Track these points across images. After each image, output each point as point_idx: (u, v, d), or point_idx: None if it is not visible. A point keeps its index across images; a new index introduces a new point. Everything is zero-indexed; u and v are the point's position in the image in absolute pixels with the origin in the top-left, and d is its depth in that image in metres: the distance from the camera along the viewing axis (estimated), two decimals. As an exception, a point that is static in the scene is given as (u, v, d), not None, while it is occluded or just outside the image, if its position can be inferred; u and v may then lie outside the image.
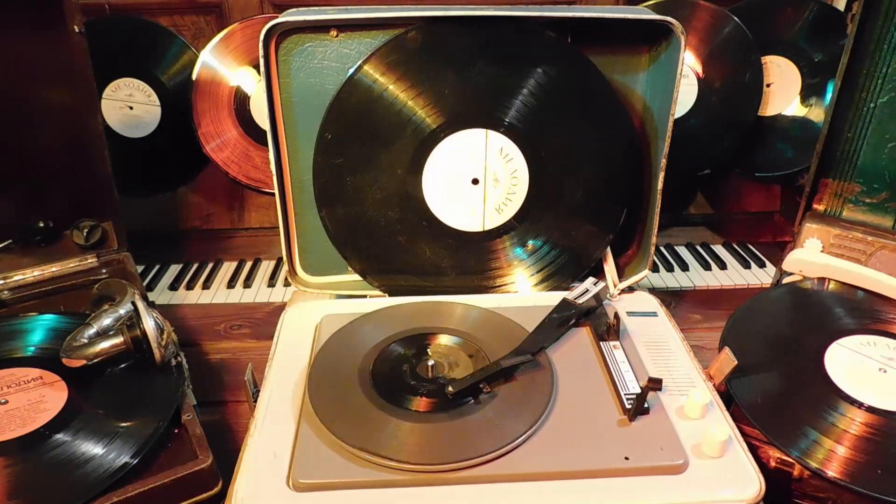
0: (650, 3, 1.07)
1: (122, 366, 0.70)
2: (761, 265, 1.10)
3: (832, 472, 0.59)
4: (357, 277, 0.88)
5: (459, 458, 0.57)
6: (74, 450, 0.61)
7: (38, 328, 0.76)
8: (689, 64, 1.07)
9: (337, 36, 0.80)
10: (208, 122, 1.06)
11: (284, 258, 0.87)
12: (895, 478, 0.58)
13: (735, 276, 1.07)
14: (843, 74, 0.83)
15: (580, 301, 0.77)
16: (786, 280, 0.87)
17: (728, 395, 0.67)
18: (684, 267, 1.09)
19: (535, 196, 0.85)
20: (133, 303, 0.72)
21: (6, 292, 0.80)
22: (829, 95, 1.08)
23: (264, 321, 0.95)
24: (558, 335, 0.73)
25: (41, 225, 0.84)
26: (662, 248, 1.14)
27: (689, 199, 1.18)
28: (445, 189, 0.84)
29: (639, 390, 0.64)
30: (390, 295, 0.85)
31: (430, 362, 0.67)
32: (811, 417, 0.64)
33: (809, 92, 1.09)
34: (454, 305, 0.78)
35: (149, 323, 0.68)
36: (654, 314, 0.80)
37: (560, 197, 0.86)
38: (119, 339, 0.69)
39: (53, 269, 0.83)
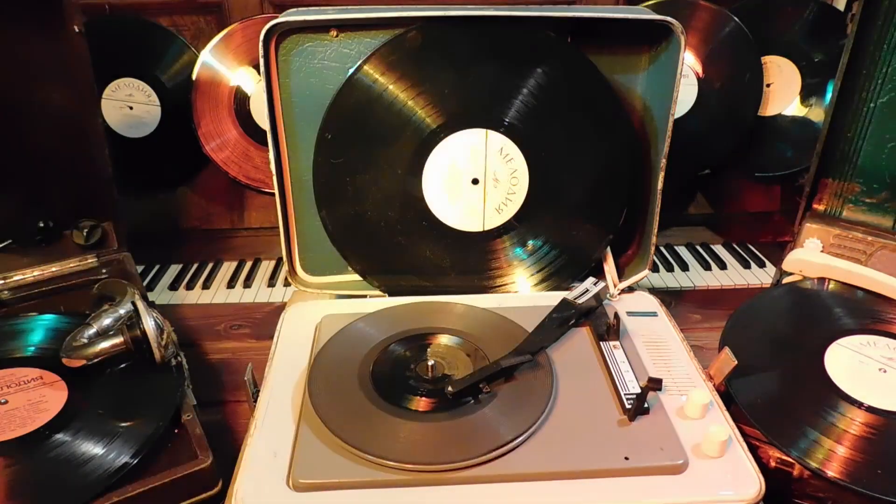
0: (650, 3, 1.07)
1: (122, 366, 0.70)
2: (761, 265, 1.10)
3: (832, 472, 0.59)
4: (357, 277, 0.88)
5: (459, 458, 0.57)
6: (74, 450, 0.61)
7: (38, 328, 0.76)
8: (689, 64, 1.07)
9: (337, 36, 0.80)
10: (208, 122, 1.06)
11: (284, 258, 0.87)
12: (895, 478, 0.58)
13: (735, 276, 1.07)
14: (843, 74, 0.83)
15: (580, 301, 0.77)
16: (786, 280, 0.87)
17: (728, 395, 0.67)
18: (684, 267, 1.09)
19: (535, 196, 0.85)
20: (133, 303, 0.72)
21: (6, 292, 0.80)
22: (829, 95, 1.08)
23: (264, 321, 0.95)
24: (558, 335, 0.73)
25: (41, 225, 0.84)
26: (662, 248, 1.14)
27: (689, 199, 1.18)
28: (445, 189, 0.84)
29: (639, 390, 0.64)
30: (390, 295, 0.85)
31: (430, 362, 0.67)
32: (811, 417, 0.64)
33: (809, 92, 1.09)
34: (454, 305, 0.78)
35: (149, 323, 0.68)
36: (654, 314, 0.80)
37: (560, 197, 0.86)
38: (119, 339, 0.69)
39: (53, 269, 0.83)
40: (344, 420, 0.60)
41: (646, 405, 0.63)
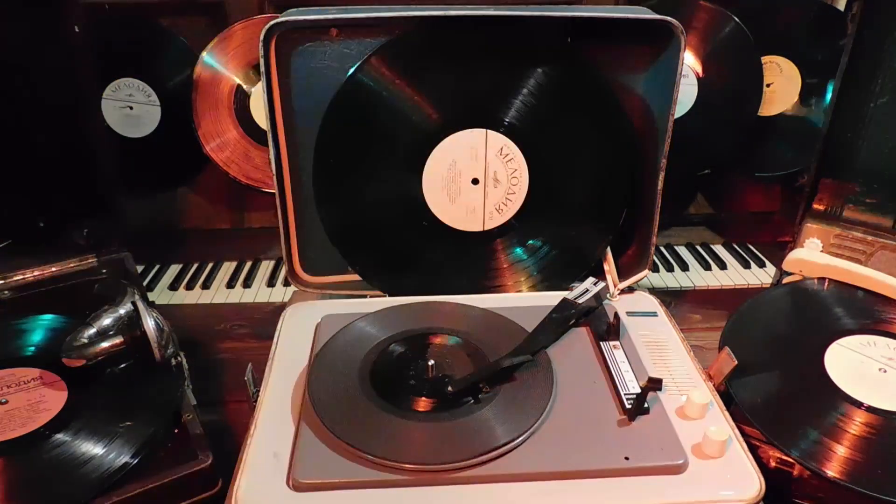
0: (650, 3, 1.07)
1: (122, 366, 0.70)
2: (761, 265, 1.10)
3: (832, 472, 0.59)
4: (357, 277, 0.88)
5: (459, 458, 0.57)
6: (74, 450, 0.61)
7: (38, 328, 0.76)
8: (689, 64, 1.07)
9: (337, 36, 0.80)
10: (208, 122, 1.06)
11: (284, 258, 0.87)
12: (895, 478, 0.58)
13: (735, 276, 1.07)
14: (843, 74, 0.83)
15: (580, 301, 0.77)
16: (786, 280, 0.87)
17: (728, 395, 0.67)
18: (684, 267, 1.09)
19: (535, 196, 0.85)
20: (133, 303, 0.72)
21: (6, 292, 0.80)
22: (829, 95, 1.08)
23: (264, 321, 0.95)
24: (558, 335, 0.73)
25: (41, 225, 0.84)
26: (662, 248, 1.14)
27: (689, 199, 1.18)
28: (445, 189, 0.84)
29: (639, 390, 0.64)
30: (390, 295, 0.85)
31: (430, 362, 0.67)
32: (811, 417, 0.64)
33: (809, 92, 1.09)
34: (454, 305, 0.78)
35: (149, 323, 0.68)
36: (654, 314, 0.80)
37: (560, 197, 0.86)
38: (119, 339, 0.69)
39: (53, 269, 0.83)
40: (344, 420, 0.60)
41: (646, 405, 0.63)
